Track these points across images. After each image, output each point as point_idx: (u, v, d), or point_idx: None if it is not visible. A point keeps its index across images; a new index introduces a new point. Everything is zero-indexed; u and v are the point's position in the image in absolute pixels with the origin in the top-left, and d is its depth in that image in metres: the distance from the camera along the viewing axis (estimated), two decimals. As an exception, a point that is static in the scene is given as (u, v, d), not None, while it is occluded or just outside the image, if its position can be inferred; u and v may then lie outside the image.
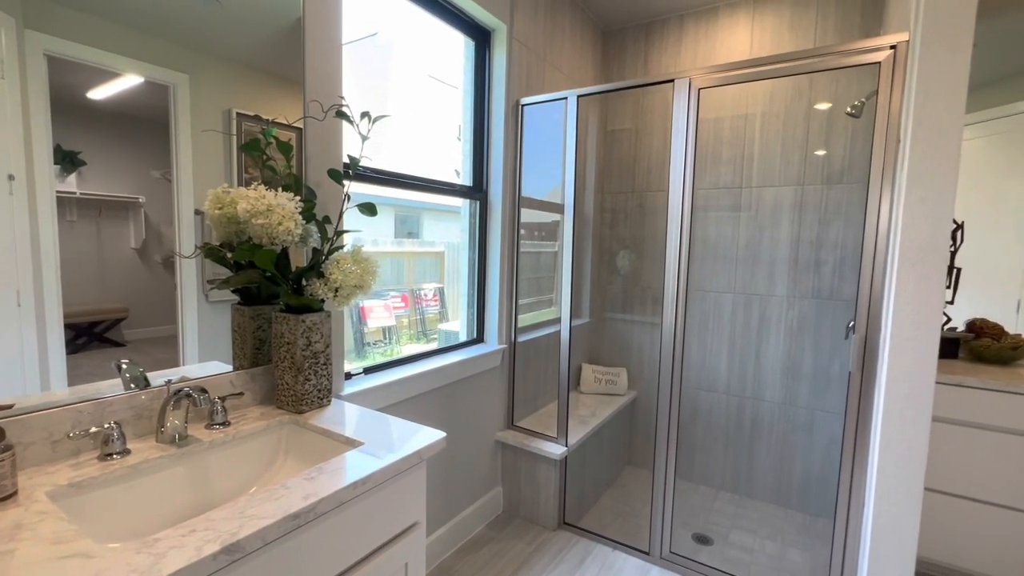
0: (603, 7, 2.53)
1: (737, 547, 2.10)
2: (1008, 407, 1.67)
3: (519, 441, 2.12)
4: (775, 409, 2.41)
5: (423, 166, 2.32)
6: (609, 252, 2.84)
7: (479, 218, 2.10)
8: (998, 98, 2.05)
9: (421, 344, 4.97)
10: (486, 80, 2.05)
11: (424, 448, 1.04)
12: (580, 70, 2.58)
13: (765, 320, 2.41)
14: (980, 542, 1.73)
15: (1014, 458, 1.67)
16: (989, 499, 1.71)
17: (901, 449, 1.39)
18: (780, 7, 2.30)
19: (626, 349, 2.82)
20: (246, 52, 1.19)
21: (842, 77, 2.20)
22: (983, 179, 2.09)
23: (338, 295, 1.17)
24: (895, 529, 1.40)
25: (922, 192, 1.33)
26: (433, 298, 5.36)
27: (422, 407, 1.78)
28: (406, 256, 5.16)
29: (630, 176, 2.74)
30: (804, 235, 2.30)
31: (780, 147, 2.34)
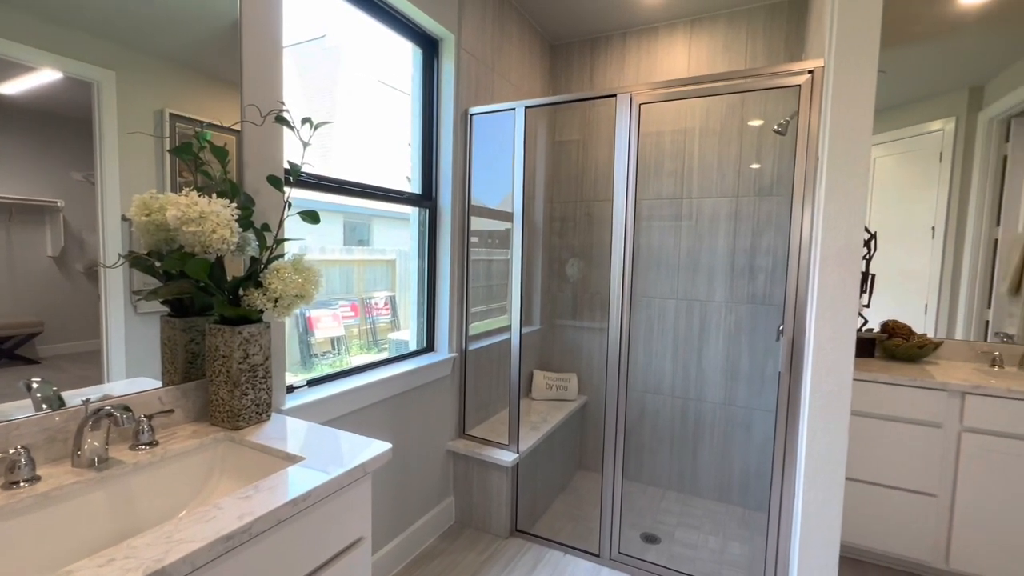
0: (550, 21, 2.60)
1: (683, 544, 2.18)
2: (914, 400, 1.83)
3: (471, 450, 2.11)
4: (716, 409, 2.53)
5: (374, 172, 2.29)
6: (559, 260, 2.89)
7: (428, 226, 2.10)
8: (907, 119, 2.27)
9: (372, 354, 4.85)
10: (435, 89, 2.05)
11: (369, 461, 1.02)
12: (529, 81, 2.63)
13: (706, 324, 2.53)
14: (891, 524, 1.88)
15: (919, 446, 1.83)
16: (898, 484, 1.87)
17: (824, 443, 1.49)
18: (714, 29, 2.45)
19: (576, 355, 2.88)
20: (181, 50, 1.14)
21: (770, 97, 2.37)
22: (895, 193, 2.30)
23: (278, 305, 1.13)
24: (821, 517, 1.50)
25: (838, 204, 1.45)
26: (384, 307, 5.26)
27: (370, 419, 1.74)
28: (356, 264, 5.03)
29: (578, 186, 2.82)
30: (739, 244, 2.44)
31: (716, 161, 2.47)
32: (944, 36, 2.14)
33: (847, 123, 1.42)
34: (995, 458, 1.73)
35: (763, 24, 2.35)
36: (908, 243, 2.28)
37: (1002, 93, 2.10)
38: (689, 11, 2.45)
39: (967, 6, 2.09)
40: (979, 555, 1.77)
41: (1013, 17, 2.03)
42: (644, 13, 2.48)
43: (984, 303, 2.16)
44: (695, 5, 2.39)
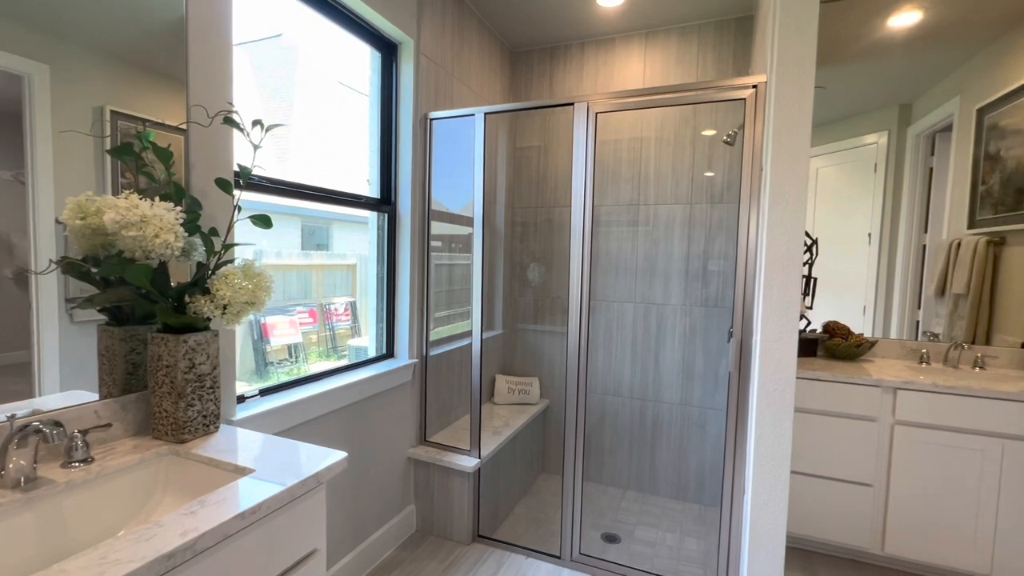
0: (510, 29, 2.63)
1: (642, 542, 2.23)
2: (852, 396, 1.95)
3: (432, 456, 2.09)
4: (673, 409, 2.61)
5: (333, 176, 2.25)
6: (521, 265, 2.92)
7: (388, 230, 2.07)
8: (845, 132, 2.42)
9: (332, 361, 4.72)
10: (394, 93, 2.04)
11: (323, 470, 1.00)
12: (489, 88, 2.65)
13: (662, 327, 2.60)
14: (832, 513, 1.99)
15: (857, 439, 1.95)
16: (838, 476, 1.98)
17: (771, 439, 1.57)
18: (667, 42, 2.54)
19: (538, 359, 2.90)
20: (124, 45, 1.09)
21: (719, 108, 2.47)
22: (835, 201, 2.44)
23: (227, 313, 1.09)
24: (768, 510, 1.57)
25: (780, 212, 1.53)
26: (344, 312, 5.13)
27: (327, 428, 1.70)
28: (315, 269, 4.90)
29: (539, 192, 2.85)
30: (693, 249, 2.54)
31: (671, 168, 2.56)
32: (875, 57, 2.30)
33: (788, 135, 1.51)
34: (923, 448, 1.86)
35: (713, 39, 2.46)
36: (847, 248, 2.42)
37: (927, 111, 2.27)
38: (644, 24, 2.53)
39: (894, 30, 2.25)
40: (911, 539, 1.89)
41: (933, 43, 2.21)
42: (601, 25, 2.54)
43: (915, 304, 2.33)
44: (649, 19, 2.47)
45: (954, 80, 2.22)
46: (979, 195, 2.19)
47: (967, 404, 1.80)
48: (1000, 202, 2.15)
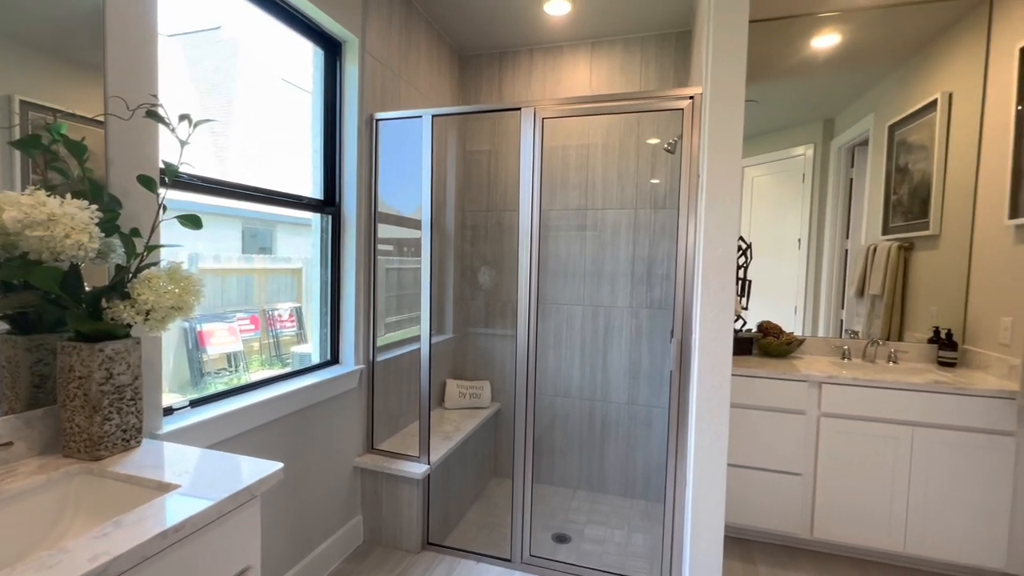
0: (458, 33, 2.63)
1: (591, 540, 2.27)
2: (783, 391, 2.07)
3: (379, 465, 2.04)
4: (621, 409, 2.68)
5: (276, 176, 2.16)
6: (471, 268, 2.91)
7: (332, 233, 2.01)
8: (777, 144, 2.57)
9: (276, 370, 4.51)
10: (338, 91, 1.99)
11: (256, 483, 0.95)
12: (438, 90, 2.63)
13: (610, 329, 2.67)
14: (767, 503, 2.11)
15: (788, 431, 2.07)
16: (772, 467, 2.09)
17: (709, 434, 1.64)
18: (612, 52, 2.62)
19: (489, 362, 2.90)
20: (36, 30, 1.00)
21: (661, 118, 2.58)
22: (769, 208, 2.59)
23: (150, 319, 1.02)
24: (708, 502, 1.64)
25: (716, 218, 1.61)
26: (289, 319, 4.92)
27: (267, 438, 1.63)
28: (257, 273, 4.67)
29: (489, 195, 2.86)
30: (638, 252, 2.62)
31: (617, 175, 2.64)
32: (801, 74, 2.47)
33: (721, 145, 1.59)
34: (846, 437, 2.01)
35: (655, 52, 2.56)
36: (780, 252, 2.58)
37: (847, 126, 2.46)
38: (590, 34, 2.60)
39: (817, 51, 2.43)
40: (837, 523, 2.03)
41: (850, 64, 2.39)
42: (549, 32, 2.59)
43: (839, 305, 2.50)
44: (595, 29, 2.54)
45: (869, 98, 2.41)
46: (891, 204, 2.40)
47: (882, 396, 1.96)
48: (908, 210, 2.36)
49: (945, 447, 1.90)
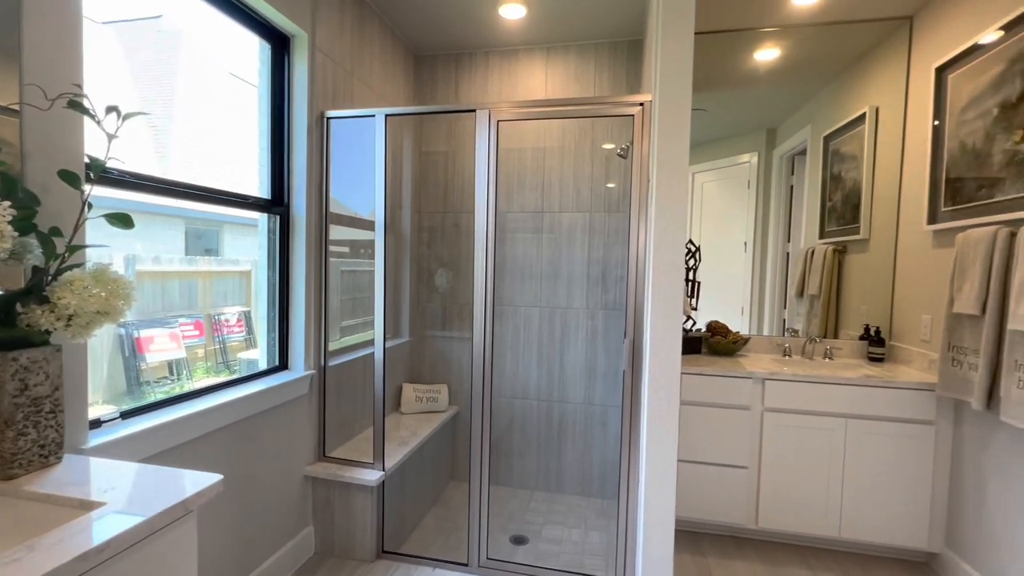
0: (413, 32, 2.60)
1: (549, 541, 2.28)
2: (730, 388, 2.16)
3: (331, 473, 1.98)
4: (578, 409, 2.71)
5: (222, 174, 2.06)
6: (428, 270, 2.88)
7: (280, 234, 1.94)
8: (725, 151, 2.68)
9: (223, 377, 4.29)
10: (286, 88, 1.92)
11: (192, 497, 0.90)
12: (392, 90, 2.59)
13: (567, 330, 2.70)
14: (715, 496, 2.19)
15: (734, 426, 2.16)
16: (720, 461, 2.18)
17: (661, 431, 1.68)
18: (567, 57, 2.66)
19: (446, 365, 2.87)
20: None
21: (615, 123, 2.64)
22: (717, 213, 2.70)
23: (72, 324, 0.95)
24: (659, 497, 1.69)
25: (665, 222, 1.66)
26: (237, 323, 4.71)
27: (209, 449, 1.54)
28: (201, 276, 4.44)
29: (446, 197, 2.84)
30: (594, 255, 2.67)
31: (573, 178, 2.68)
32: (746, 85, 2.59)
33: (670, 150, 1.64)
34: (787, 430, 2.11)
35: (608, 59, 2.62)
36: (728, 255, 2.69)
37: (787, 136, 2.59)
38: (544, 39, 2.63)
39: (758, 63, 2.55)
40: (779, 513, 2.13)
41: (789, 77, 2.53)
42: (505, 35, 2.60)
43: (781, 304, 2.64)
44: (549, 34, 2.58)
45: (807, 110, 2.56)
46: (827, 210, 2.55)
47: (818, 390, 2.08)
48: (842, 216, 2.51)
49: (874, 437, 2.03)
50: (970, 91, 1.92)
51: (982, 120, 1.85)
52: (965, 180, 1.93)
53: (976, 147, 1.88)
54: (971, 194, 1.90)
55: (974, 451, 1.87)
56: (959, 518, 1.93)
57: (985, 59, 1.84)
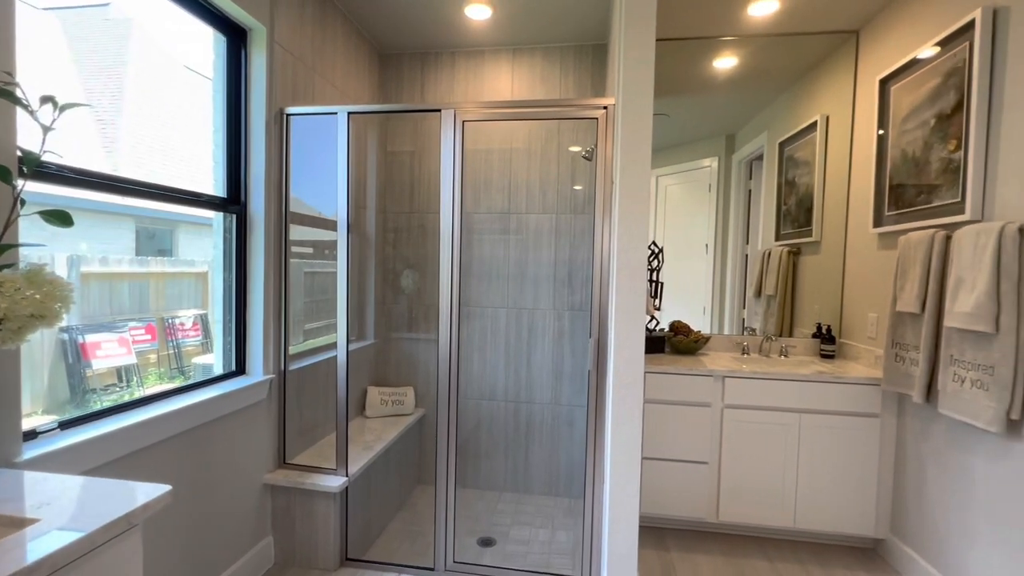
0: (378, 30, 2.56)
1: (516, 542, 2.28)
2: (692, 386, 2.22)
3: (292, 480, 1.92)
4: (545, 409, 2.73)
5: (176, 170, 1.97)
6: (393, 272, 2.84)
7: (236, 233, 1.87)
8: (687, 155, 2.75)
9: (176, 383, 4.10)
10: (243, 83, 1.86)
11: (137, 510, 0.86)
12: (356, 88, 2.55)
13: (534, 331, 2.72)
14: (677, 491, 2.24)
15: (696, 423, 2.22)
16: (682, 457, 2.23)
17: (625, 428, 1.71)
18: (533, 60, 2.68)
19: (413, 368, 2.84)
20: None
21: (580, 126, 2.67)
22: (680, 215, 2.77)
23: (2, 328, 0.89)
24: (624, 494, 1.71)
25: (628, 223, 1.69)
26: (193, 327, 4.51)
27: (160, 458, 1.47)
28: (154, 278, 4.24)
29: (412, 197, 2.81)
30: (560, 256, 2.69)
31: (539, 180, 2.70)
32: (706, 92, 2.67)
33: (633, 154, 1.67)
34: (745, 426, 2.18)
35: (573, 62, 2.65)
36: (690, 256, 2.76)
37: (745, 141, 2.69)
38: (511, 40, 2.64)
39: (718, 71, 2.63)
40: (739, 506, 2.20)
41: (747, 85, 2.63)
42: (472, 36, 2.59)
43: (740, 304, 2.72)
44: (515, 36, 2.59)
45: (763, 117, 2.66)
46: (782, 213, 2.65)
47: (774, 386, 2.15)
48: (796, 219, 2.62)
49: (826, 430, 2.12)
50: (910, 102, 2.04)
51: (921, 130, 1.97)
52: (906, 186, 2.05)
53: (916, 155, 2.00)
54: (912, 199, 2.02)
55: (915, 442, 1.98)
56: (902, 505, 2.04)
57: (923, 73, 1.96)
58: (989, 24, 1.65)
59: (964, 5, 1.78)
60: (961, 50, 1.75)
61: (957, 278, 1.66)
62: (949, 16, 1.84)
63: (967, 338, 1.63)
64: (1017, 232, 1.47)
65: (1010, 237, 1.48)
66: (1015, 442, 1.53)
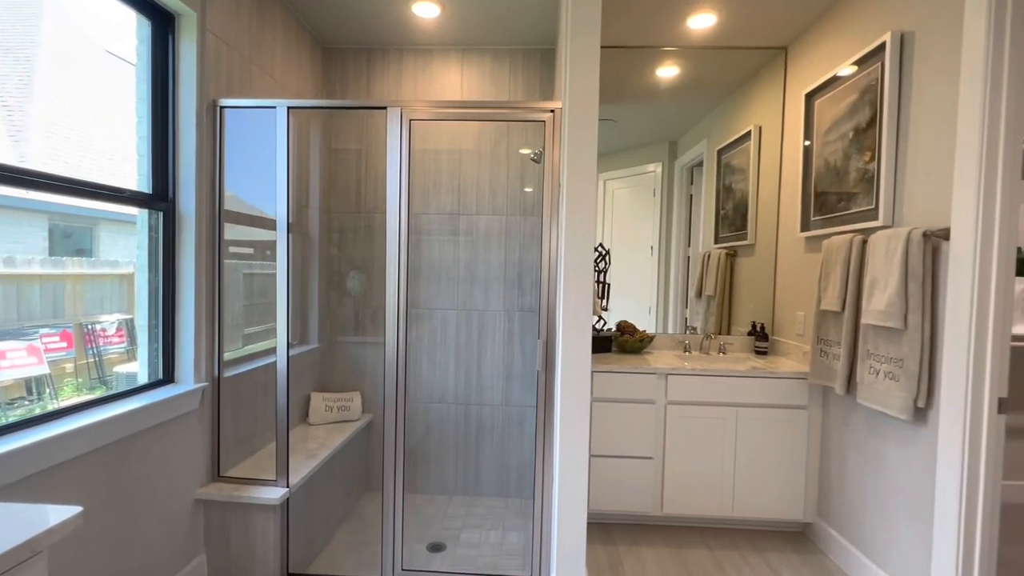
0: (320, 23, 2.48)
1: (467, 545, 2.27)
2: (637, 384, 2.29)
3: (227, 494, 1.81)
4: (495, 411, 2.73)
5: (96, 163, 1.82)
6: (339, 273, 2.75)
7: (164, 232, 1.75)
8: (633, 160, 2.83)
9: (97, 394, 3.75)
10: (171, 71, 1.74)
11: (40, 535, 0.78)
12: (298, 82, 2.45)
13: (484, 332, 2.71)
14: (624, 487, 2.30)
15: (641, 420, 2.29)
16: (629, 454, 2.30)
17: (573, 427, 1.74)
18: (482, 60, 2.68)
19: (359, 372, 2.76)
20: None
21: (530, 128, 2.69)
22: (627, 218, 2.85)
23: None
24: (572, 493, 1.74)
25: (575, 226, 1.72)
26: (117, 333, 4.17)
27: (74, 477, 1.35)
28: (70, 280, 3.88)
29: (358, 196, 2.73)
30: (510, 258, 2.70)
31: (489, 181, 2.70)
32: (650, 100, 2.77)
33: (579, 158, 1.70)
34: (687, 421, 2.27)
35: (522, 65, 2.67)
36: (636, 258, 2.85)
37: (687, 148, 2.80)
38: (460, 40, 2.62)
39: (660, 79, 2.74)
40: (682, 498, 2.29)
41: (687, 94, 2.74)
42: (419, 34, 2.56)
43: (683, 304, 2.84)
44: (464, 36, 2.57)
45: (703, 125, 2.78)
46: (720, 217, 2.79)
47: (713, 382, 2.26)
48: (733, 223, 2.76)
49: (760, 423, 2.25)
50: (832, 116, 2.20)
51: (841, 142, 2.13)
52: (829, 193, 2.21)
53: (837, 165, 2.16)
54: (833, 205, 2.17)
55: (838, 431, 2.13)
56: (827, 490, 2.19)
57: (843, 89, 2.12)
58: (898, 47, 1.81)
59: (877, 28, 1.94)
60: (875, 69, 1.91)
61: (872, 279, 1.81)
62: (865, 38, 2.00)
63: (881, 334, 1.78)
64: (922, 237, 1.62)
65: (916, 242, 1.63)
66: (921, 428, 1.68)
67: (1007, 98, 1.40)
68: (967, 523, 1.47)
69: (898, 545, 1.78)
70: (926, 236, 1.62)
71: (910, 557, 1.71)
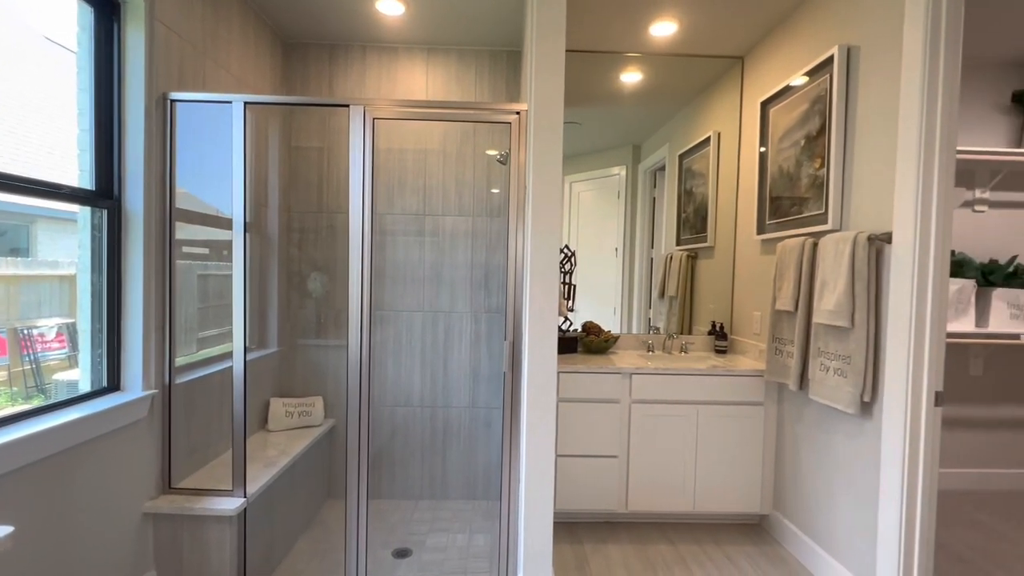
0: (280, 16, 2.40)
1: (433, 550, 2.24)
2: (602, 383, 2.32)
3: (178, 506, 1.73)
4: (462, 413, 2.71)
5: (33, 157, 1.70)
6: (299, 274, 2.67)
7: (109, 231, 1.65)
8: (599, 163, 2.87)
9: (34, 404, 3.50)
10: (117, 62, 1.65)
11: (-36, 559, 0.72)
12: (256, 77, 2.36)
13: (450, 334, 2.69)
14: (590, 486, 2.33)
15: (606, 419, 2.32)
16: (594, 453, 2.33)
17: (539, 428, 1.74)
18: (448, 60, 2.66)
19: (321, 376, 2.69)
20: None
21: (496, 129, 2.69)
22: (592, 220, 2.88)
23: None
24: (539, 493, 1.74)
25: (541, 227, 1.73)
26: (57, 338, 3.91)
27: (6, 494, 1.25)
28: (3, 281, 3.62)
29: (320, 196, 2.66)
30: (477, 259, 2.69)
31: (455, 182, 2.68)
32: (614, 104, 2.82)
33: (544, 160, 1.71)
34: (651, 420, 2.32)
35: (488, 66, 2.67)
36: (601, 260, 2.89)
37: (650, 152, 2.86)
38: (425, 39, 2.60)
39: (624, 84, 2.79)
40: (646, 496, 2.33)
41: (650, 99, 2.81)
42: (384, 32, 2.52)
43: (647, 305, 2.90)
44: (430, 36, 2.55)
45: (666, 130, 2.85)
46: (682, 220, 2.86)
47: (675, 381, 2.32)
48: (693, 226, 2.84)
49: (720, 419, 2.32)
50: (785, 124, 2.29)
51: (793, 149, 2.22)
52: (782, 198, 2.30)
53: (790, 171, 2.25)
54: (787, 210, 2.27)
55: (792, 426, 2.22)
56: (782, 483, 2.28)
57: (795, 98, 2.21)
58: (844, 59, 1.91)
59: (826, 41, 2.04)
60: (824, 80, 2.00)
61: (822, 280, 1.90)
62: (815, 50, 2.10)
63: (830, 332, 1.87)
64: (867, 240, 1.71)
65: (861, 245, 1.72)
66: (866, 421, 1.77)
67: (942, 110, 1.49)
68: (908, 509, 1.56)
69: (847, 533, 1.87)
70: (871, 239, 1.71)
71: (858, 544, 1.80)
